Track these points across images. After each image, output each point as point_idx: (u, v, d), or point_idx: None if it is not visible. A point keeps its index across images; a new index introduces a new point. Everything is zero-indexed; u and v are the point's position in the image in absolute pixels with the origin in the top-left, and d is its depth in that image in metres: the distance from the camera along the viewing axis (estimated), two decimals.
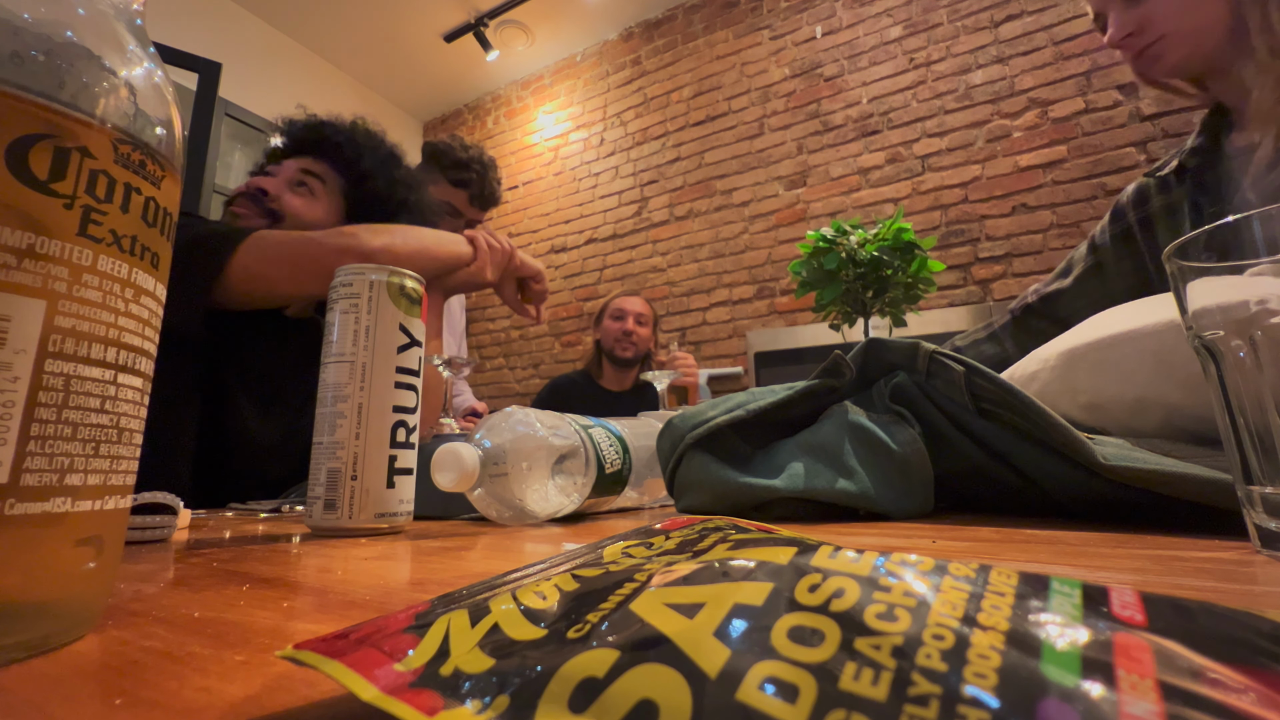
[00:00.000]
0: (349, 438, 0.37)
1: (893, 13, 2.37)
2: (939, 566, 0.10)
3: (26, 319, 0.13)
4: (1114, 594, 0.09)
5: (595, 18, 2.98)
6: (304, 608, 0.18)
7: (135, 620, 0.17)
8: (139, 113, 0.16)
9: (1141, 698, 0.07)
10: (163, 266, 0.17)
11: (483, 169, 1.33)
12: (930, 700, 0.07)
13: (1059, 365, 0.46)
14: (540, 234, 3.12)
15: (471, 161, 1.31)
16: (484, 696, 0.08)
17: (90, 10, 0.15)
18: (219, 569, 0.25)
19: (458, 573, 0.24)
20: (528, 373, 3.01)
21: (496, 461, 0.40)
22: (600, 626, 0.09)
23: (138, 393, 0.16)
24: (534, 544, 0.32)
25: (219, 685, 0.12)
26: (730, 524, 0.14)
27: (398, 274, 0.40)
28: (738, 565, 0.10)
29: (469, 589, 0.12)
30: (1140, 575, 0.19)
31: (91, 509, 0.15)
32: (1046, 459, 0.34)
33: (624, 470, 0.47)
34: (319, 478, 0.37)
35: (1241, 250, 0.22)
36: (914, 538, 0.29)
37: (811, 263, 0.77)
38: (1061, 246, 1.96)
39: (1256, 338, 0.21)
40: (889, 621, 0.08)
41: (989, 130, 2.13)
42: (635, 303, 1.75)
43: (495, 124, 3.42)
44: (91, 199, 0.15)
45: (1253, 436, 0.22)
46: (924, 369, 0.39)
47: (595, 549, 0.13)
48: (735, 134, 2.64)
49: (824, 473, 0.37)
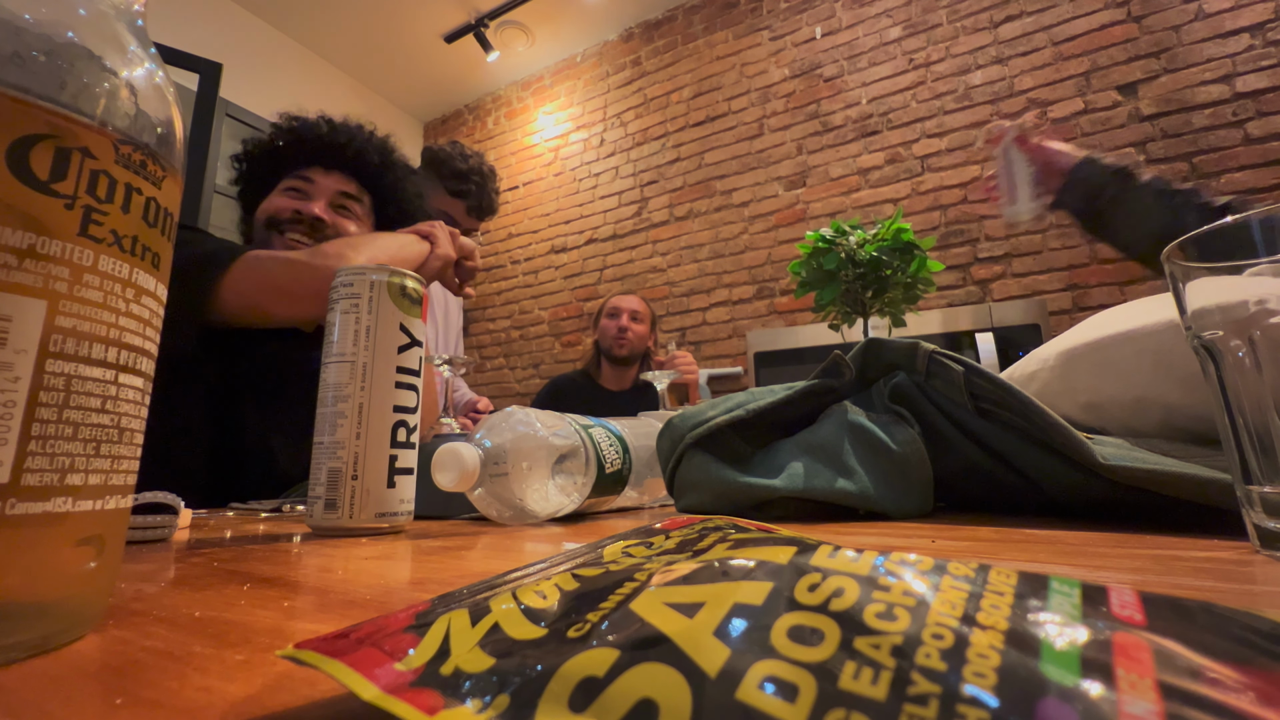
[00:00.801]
0: (349, 437, 0.37)
1: (892, 13, 2.37)
2: (938, 566, 0.10)
3: (27, 319, 0.13)
4: (1113, 594, 0.09)
5: (595, 18, 2.98)
6: (304, 607, 0.18)
7: (136, 620, 0.17)
8: (140, 113, 0.16)
9: (1141, 697, 0.07)
10: (163, 267, 0.17)
11: (482, 179, 1.32)
12: (929, 699, 0.07)
13: (1058, 365, 0.46)
14: (540, 234, 3.12)
15: (471, 173, 1.31)
16: (484, 696, 0.08)
17: (91, 11, 0.15)
18: (220, 569, 0.25)
19: (458, 572, 0.24)
20: (528, 373, 3.01)
21: (497, 461, 0.40)
22: (600, 626, 0.09)
23: (139, 393, 0.16)
24: (534, 543, 0.32)
25: (220, 685, 0.12)
26: (730, 523, 0.14)
27: (398, 274, 0.40)
28: (737, 565, 0.10)
29: (469, 588, 0.12)
30: (1139, 575, 0.19)
31: (92, 509, 0.15)
32: (1046, 459, 0.34)
33: (624, 470, 0.47)
34: (319, 477, 0.37)
35: (1241, 250, 0.22)
36: (913, 537, 0.29)
37: (811, 263, 0.77)
38: (1061, 246, 1.96)
39: (1256, 338, 0.21)
40: (888, 621, 0.08)
41: (989, 131, 2.13)
42: (630, 300, 1.75)
43: (495, 124, 3.42)
44: (92, 199, 0.15)
45: (1252, 436, 0.22)
46: (923, 369, 0.39)
47: (595, 548, 0.13)
48: (735, 134, 2.64)
49: (823, 472, 0.37)
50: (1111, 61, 1.98)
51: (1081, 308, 1.91)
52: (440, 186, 1.30)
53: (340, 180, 0.83)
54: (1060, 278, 1.95)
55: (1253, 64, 1.79)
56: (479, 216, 1.36)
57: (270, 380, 0.76)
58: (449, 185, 1.30)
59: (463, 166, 1.30)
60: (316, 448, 0.38)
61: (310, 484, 0.38)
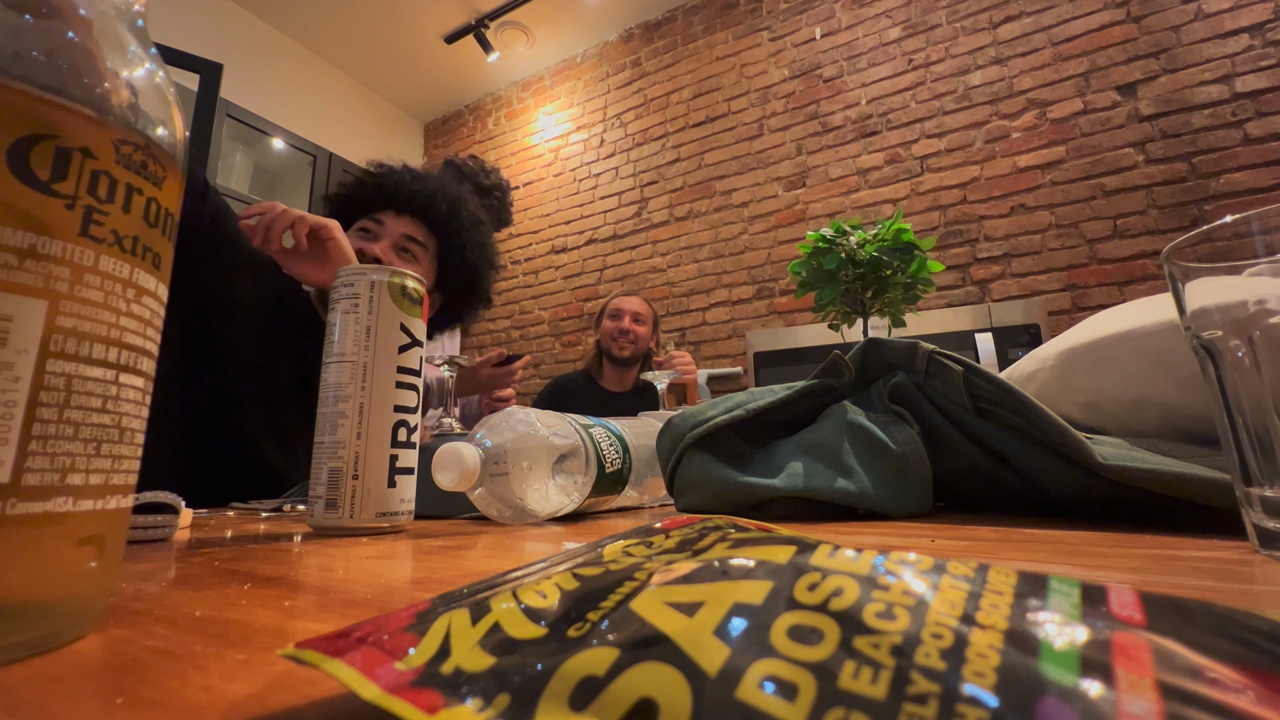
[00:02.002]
0: (350, 437, 0.37)
1: (891, 14, 2.38)
2: (938, 565, 0.10)
3: (28, 319, 0.13)
4: (1112, 593, 0.09)
5: (595, 19, 2.98)
6: (305, 607, 0.18)
7: (137, 619, 0.17)
8: (140, 113, 0.16)
9: (1140, 696, 0.07)
10: (164, 267, 0.17)
11: (502, 195, 1.35)
12: (929, 699, 0.07)
13: (1057, 365, 0.46)
14: (541, 234, 3.12)
15: (493, 189, 1.34)
16: (485, 695, 0.08)
17: (92, 11, 0.15)
18: (220, 568, 0.25)
19: (458, 571, 0.24)
20: (528, 373, 3.01)
21: (497, 461, 0.40)
22: (600, 625, 0.09)
23: (139, 392, 0.16)
24: (534, 543, 0.32)
25: (220, 684, 0.12)
26: (730, 523, 0.14)
27: (399, 274, 0.40)
28: (737, 564, 0.10)
29: (470, 588, 0.12)
30: (1139, 574, 0.19)
31: (93, 508, 0.15)
32: (1045, 458, 0.34)
33: (624, 469, 0.47)
34: (320, 477, 0.37)
35: (1240, 251, 0.22)
36: (912, 537, 0.29)
37: (811, 263, 0.77)
38: (1060, 247, 1.96)
39: (1255, 338, 0.21)
40: (888, 620, 0.08)
41: (987, 131, 2.14)
42: (632, 302, 1.75)
43: (496, 125, 3.42)
44: (93, 199, 0.15)
45: (1251, 437, 0.22)
46: (923, 369, 0.39)
47: (595, 548, 0.13)
48: (735, 135, 2.64)
49: (823, 472, 0.37)
50: (1111, 62, 1.98)
51: (1081, 308, 1.91)
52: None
53: (409, 225, 0.85)
54: (1059, 278, 1.95)
55: (1252, 64, 1.79)
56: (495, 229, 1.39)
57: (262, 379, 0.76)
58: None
59: (485, 183, 1.33)
60: (317, 447, 0.38)
61: (311, 483, 0.38)
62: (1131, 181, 1.90)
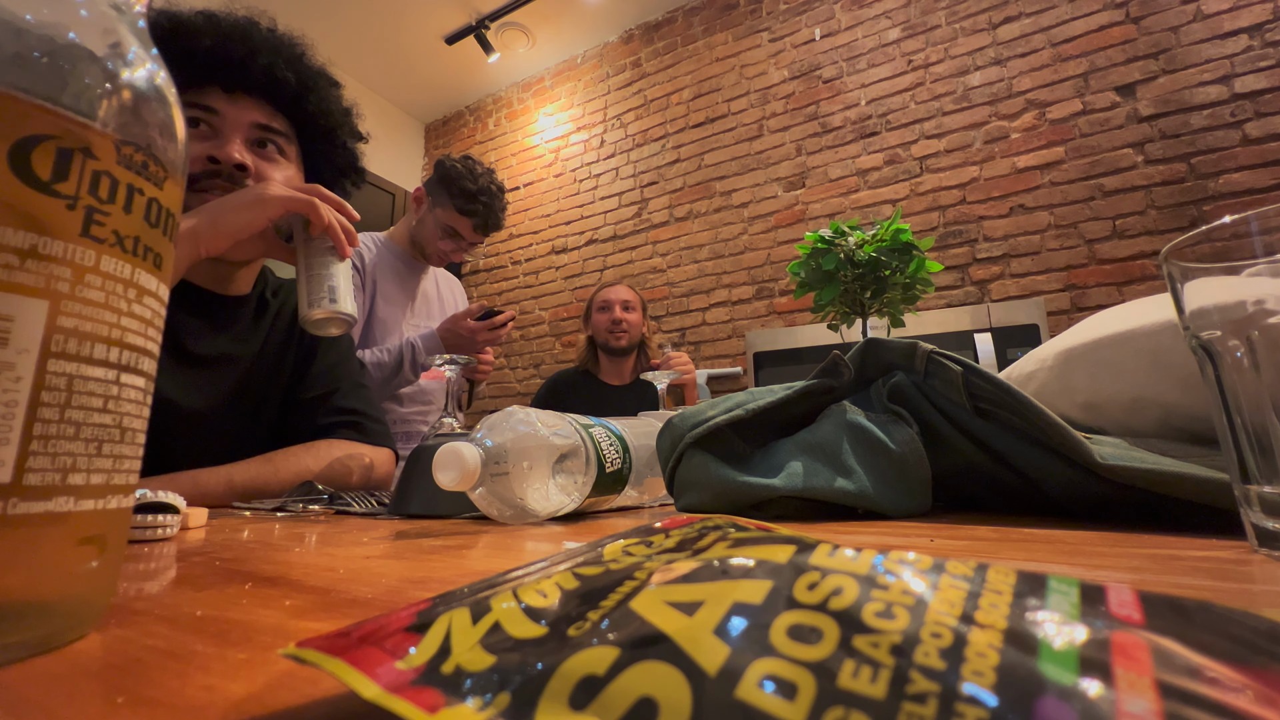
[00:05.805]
0: None
1: (891, 15, 2.38)
2: (937, 565, 0.10)
3: (29, 319, 0.13)
4: (1111, 593, 0.09)
5: (596, 20, 2.98)
6: (306, 606, 0.18)
7: (138, 619, 0.17)
8: (141, 114, 0.16)
9: (1139, 696, 0.07)
10: (165, 267, 0.17)
11: (490, 199, 1.34)
12: (928, 698, 0.07)
13: (1056, 365, 0.46)
14: (541, 235, 3.12)
15: (480, 193, 1.33)
16: (485, 694, 0.08)
17: (93, 12, 0.15)
18: (221, 568, 0.25)
19: (459, 571, 0.24)
20: (528, 373, 3.01)
21: (498, 461, 0.40)
22: (601, 624, 0.09)
23: (140, 392, 0.16)
24: (535, 542, 0.32)
25: (221, 683, 0.12)
26: (729, 522, 0.14)
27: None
28: (737, 564, 0.10)
29: (470, 587, 0.12)
30: (1138, 574, 0.19)
31: (94, 508, 0.15)
32: (1044, 458, 0.34)
33: (624, 469, 0.47)
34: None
35: (1239, 251, 0.22)
36: (912, 536, 0.29)
37: (810, 263, 0.77)
38: (1059, 247, 1.96)
39: (1254, 338, 0.22)
40: (887, 620, 0.08)
41: (987, 132, 2.14)
42: (618, 291, 1.74)
43: (496, 126, 3.42)
44: (94, 200, 0.15)
45: (1250, 436, 0.22)
46: (922, 369, 0.39)
47: (595, 547, 0.13)
48: (734, 136, 2.64)
49: (822, 472, 0.37)
50: (1110, 62, 1.98)
51: (1080, 308, 1.91)
52: (450, 203, 1.32)
53: (250, 108, 0.66)
54: (1058, 278, 1.95)
55: (1251, 65, 1.80)
56: (484, 233, 1.38)
57: (184, 349, 0.67)
58: (457, 203, 1.32)
59: (471, 187, 1.32)
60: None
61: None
62: (1130, 182, 1.90)
